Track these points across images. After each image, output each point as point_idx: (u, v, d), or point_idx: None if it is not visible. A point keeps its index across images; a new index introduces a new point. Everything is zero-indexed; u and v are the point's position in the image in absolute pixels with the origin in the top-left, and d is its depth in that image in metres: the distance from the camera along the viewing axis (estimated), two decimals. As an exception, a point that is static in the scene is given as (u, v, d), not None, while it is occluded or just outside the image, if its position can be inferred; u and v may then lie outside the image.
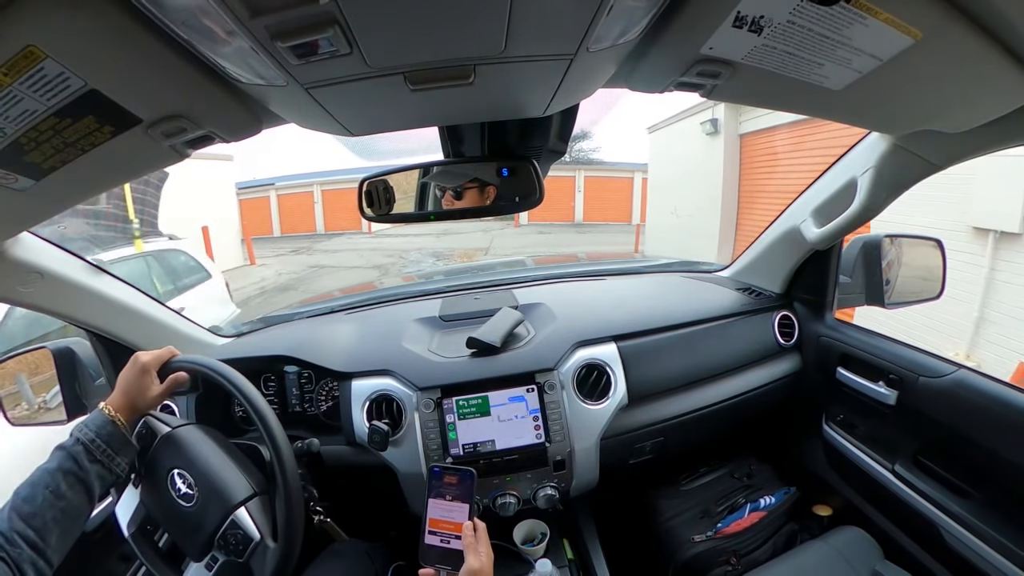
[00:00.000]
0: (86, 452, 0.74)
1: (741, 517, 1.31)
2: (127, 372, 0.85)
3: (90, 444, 0.75)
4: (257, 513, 0.84)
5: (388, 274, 10.40)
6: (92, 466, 0.74)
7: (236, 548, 0.81)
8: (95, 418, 0.79)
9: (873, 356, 1.16)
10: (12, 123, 0.50)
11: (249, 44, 0.44)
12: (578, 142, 20.52)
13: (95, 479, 0.74)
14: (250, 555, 0.81)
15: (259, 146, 19.91)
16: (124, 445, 0.79)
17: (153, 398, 0.85)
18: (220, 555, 0.82)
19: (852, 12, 0.48)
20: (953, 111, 0.70)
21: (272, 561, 0.82)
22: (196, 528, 0.82)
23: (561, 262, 3.01)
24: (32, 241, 0.92)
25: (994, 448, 0.93)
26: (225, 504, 0.82)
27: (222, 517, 0.81)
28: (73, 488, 0.71)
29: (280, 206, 18.64)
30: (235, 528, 0.81)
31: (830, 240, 1.16)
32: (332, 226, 18.38)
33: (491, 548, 0.80)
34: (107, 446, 0.76)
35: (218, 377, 0.89)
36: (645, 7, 0.49)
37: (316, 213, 18.84)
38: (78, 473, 0.72)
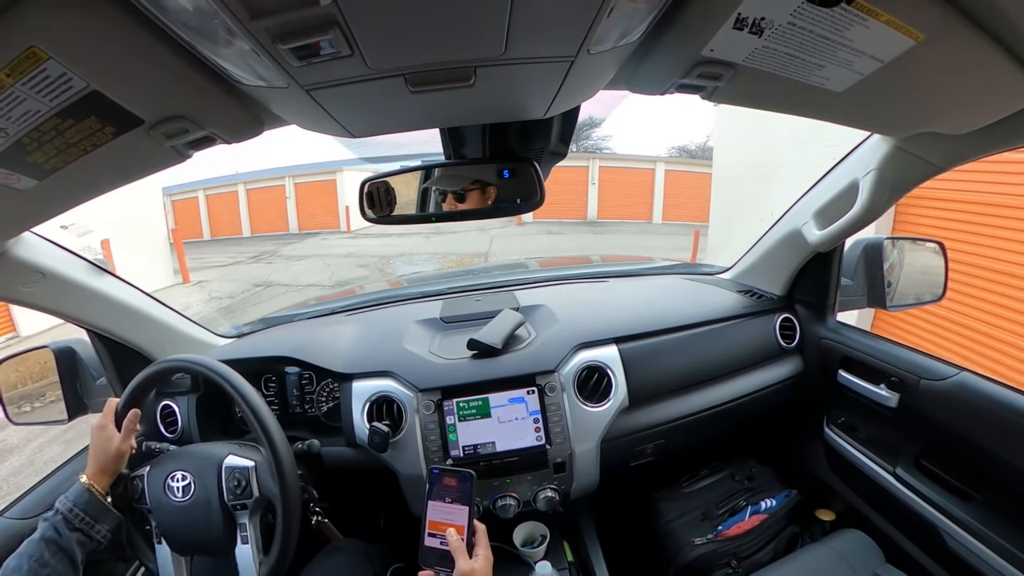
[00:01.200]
0: (65, 522, 0.79)
1: (742, 520, 1.31)
2: (92, 440, 0.88)
3: (68, 514, 0.80)
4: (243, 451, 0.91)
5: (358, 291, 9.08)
6: (72, 534, 0.78)
7: (243, 488, 0.87)
8: (75, 489, 0.83)
9: (874, 359, 1.16)
10: (15, 123, 0.51)
11: (250, 46, 0.45)
12: (590, 130, 19.51)
13: (76, 546, 0.78)
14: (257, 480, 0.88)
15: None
16: (102, 512, 0.83)
17: (117, 449, 0.87)
18: (243, 514, 0.87)
19: (853, 14, 0.48)
20: (955, 113, 0.70)
21: (262, 572, 0.83)
22: (205, 508, 0.86)
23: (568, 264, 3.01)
24: (34, 241, 0.92)
25: (996, 451, 0.92)
26: (213, 461, 0.88)
27: (216, 473, 0.87)
28: (56, 556, 0.76)
29: (249, 203, 17.31)
30: (232, 473, 0.87)
31: (832, 242, 1.16)
32: (307, 224, 16.97)
33: (490, 551, 0.80)
34: (85, 514, 0.80)
35: (217, 378, 0.89)
36: (646, 9, 0.49)
37: (288, 208, 17.24)
38: (59, 542, 0.77)
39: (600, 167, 16.30)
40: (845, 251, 1.26)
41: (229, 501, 0.87)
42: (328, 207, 16.67)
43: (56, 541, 0.77)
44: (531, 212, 8.17)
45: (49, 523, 0.79)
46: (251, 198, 17.39)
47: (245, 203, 17.43)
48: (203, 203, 17.47)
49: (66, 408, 1.16)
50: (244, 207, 17.43)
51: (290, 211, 17.38)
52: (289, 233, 16.77)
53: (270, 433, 0.87)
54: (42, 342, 1.17)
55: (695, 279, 1.59)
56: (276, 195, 17.20)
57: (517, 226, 15.27)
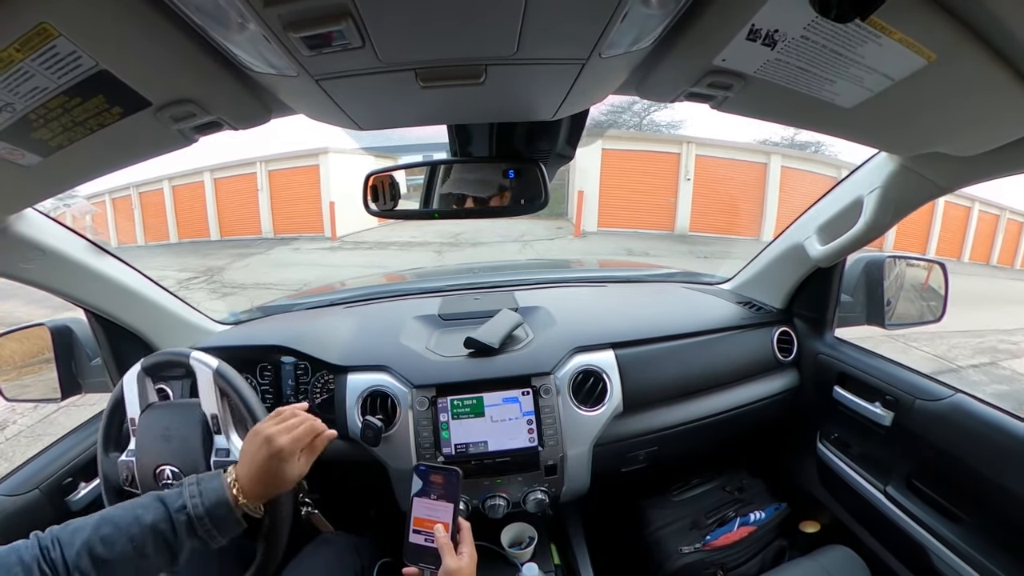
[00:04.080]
0: (188, 525, 0.66)
1: (730, 531, 1.31)
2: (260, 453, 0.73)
3: (197, 520, 0.66)
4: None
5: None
6: (190, 541, 0.66)
7: None
8: (214, 490, 0.69)
9: (870, 376, 1.16)
10: (22, 99, 0.51)
11: (262, 33, 0.44)
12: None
13: (186, 552, 0.67)
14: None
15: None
16: (233, 526, 0.69)
17: (295, 477, 0.74)
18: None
19: (867, 31, 0.48)
20: (963, 134, 0.70)
21: (256, 562, 0.82)
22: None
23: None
24: (36, 218, 0.92)
25: (988, 474, 0.92)
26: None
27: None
28: (159, 552, 0.64)
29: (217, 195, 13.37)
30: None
31: (833, 258, 1.16)
32: (283, 226, 12.73)
33: (474, 549, 0.80)
34: (214, 527, 0.67)
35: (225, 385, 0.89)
36: (659, 15, 0.49)
37: (261, 203, 12.89)
38: (171, 542, 0.65)
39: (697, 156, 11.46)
40: (846, 267, 1.26)
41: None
42: (308, 202, 12.57)
43: (167, 539, 0.65)
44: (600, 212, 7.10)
45: (166, 513, 0.65)
46: (219, 190, 13.53)
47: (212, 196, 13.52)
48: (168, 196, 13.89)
49: (60, 387, 1.16)
50: (212, 202, 13.54)
51: (263, 207, 13.11)
52: (264, 237, 12.86)
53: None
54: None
55: (695, 288, 1.59)
56: (247, 187, 13.21)
57: (575, 237, 11.43)
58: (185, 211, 13.83)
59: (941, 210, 11.43)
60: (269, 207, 13.04)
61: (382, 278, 2.66)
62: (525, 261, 8.36)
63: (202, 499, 0.67)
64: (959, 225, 12.26)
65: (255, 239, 12.60)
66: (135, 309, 1.18)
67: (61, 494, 1.02)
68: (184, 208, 13.84)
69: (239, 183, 13.18)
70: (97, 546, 0.61)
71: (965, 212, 12.29)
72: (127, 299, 1.15)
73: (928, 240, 11.51)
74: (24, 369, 1.22)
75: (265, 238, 12.77)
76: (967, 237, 12.47)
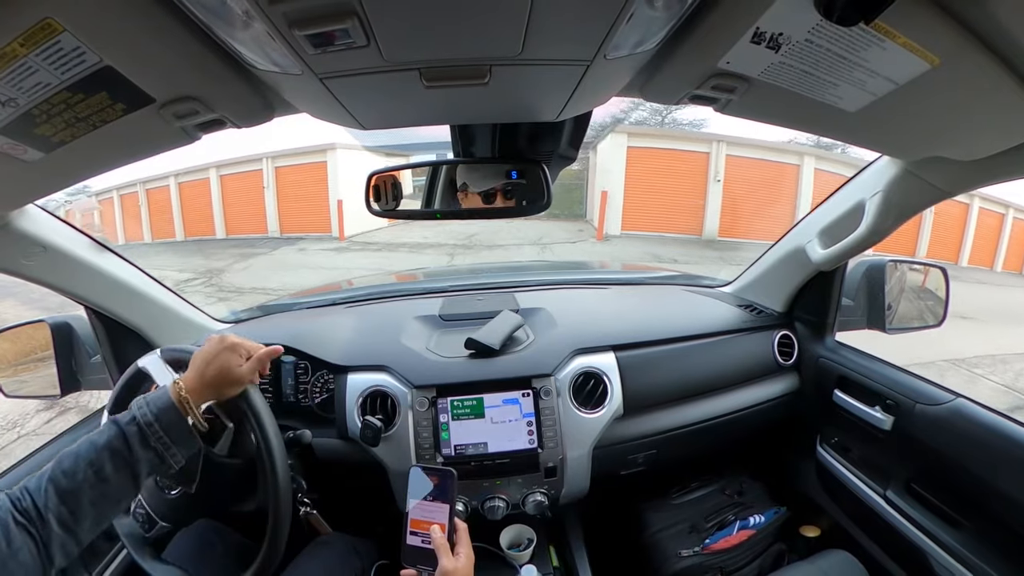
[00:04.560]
0: (140, 436, 0.65)
1: (730, 534, 1.30)
2: (206, 348, 0.75)
3: (147, 428, 0.66)
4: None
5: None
6: (144, 452, 0.65)
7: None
8: (160, 396, 0.69)
9: (871, 380, 1.16)
10: (25, 94, 0.51)
11: (266, 30, 0.44)
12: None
13: (144, 466, 0.66)
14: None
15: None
16: (186, 436, 0.69)
17: (238, 373, 0.75)
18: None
19: (871, 34, 0.48)
20: (966, 139, 0.70)
21: (253, 567, 0.82)
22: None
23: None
24: (38, 214, 0.92)
25: (988, 479, 0.92)
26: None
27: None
28: (119, 471, 0.64)
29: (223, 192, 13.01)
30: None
31: (835, 262, 1.16)
32: (290, 225, 12.30)
33: (472, 550, 0.79)
34: (165, 434, 0.67)
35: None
36: (664, 18, 0.49)
37: (268, 201, 12.46)
38: (127, 457, 0.64)
39: (727, 155, 10.69)
40: (848, 271, 1.26)
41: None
42: (315, 200, 12.19)
43: (123, 455, 0.64)
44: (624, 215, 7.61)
45: (119, 429, 0.65)
46: (225, 187, 13.19)
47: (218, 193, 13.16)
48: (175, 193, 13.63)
49: (59, 383, 1.16)
50: (217, 200, 13.17)
51: (269, 205, 12.68)
52: (270, 236, 12.45)
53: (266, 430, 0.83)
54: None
55: (696, 291, 1.59)
56: (253, 184, 12.76)
57: (597, 240, 10.88)
58: (191, 209, 13.53)
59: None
60: (275, 205, 12.63)
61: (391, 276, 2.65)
62: (527, 262, 8.19)
63: (149, 408, 0.68)
64: (957, 224, 11.41)
65: (261, 238, 12.26)
66: (135, 306, 1.18)
67: None
68: (190, 206, 13.54)
69: (245, 180, 12.79)
70: (60, 479, 0.61)
71: (963, 209, 11.33)
72: (127, 296, 1.15)
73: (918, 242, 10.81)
74: (23, 365, 1.22)
75: (271, 237, 12.35)
76: (966, 238, 11.48)
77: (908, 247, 10.17)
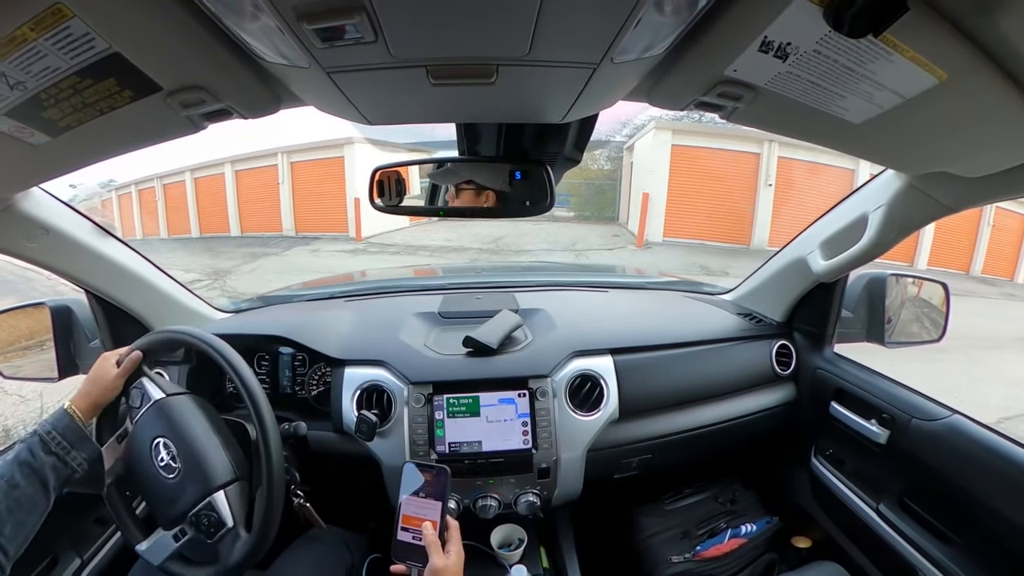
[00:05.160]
0: (41, 444, 0.76)
1: (721, 542, 1.30)
2: (91, 369, 0.87)
3: (46, 436, 0.77)
4: (235, 499, 0.84)
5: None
6: (47, 457, 0.75)
7: (207, 529, 0.81)
8: (55, 412, 0.80)
9: (867, 393, 1.16)
10: (34, 78, 0.51)
11: (275, 23, 0.45)
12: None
13: (49, 471, 0.75)
14: (219, 539, 0.82)
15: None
16: (81, 439, 0.80)
17: (110, 381, 0.86)
18: (190, 530, 0.82)
19: (879, 47, 0.48)
20: (971, 155, 0.70)
21: (243, 548, 0.82)
22: (171, 501, 0.82)
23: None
24: (42, 197, 0.92)
25: (981, 496, 0.92)
26: (205, 484, 0.82)
27: (199, 497, 0.81)
28: (28, 479, 0.73)
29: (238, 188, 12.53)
30: (210, 510, 0.81)
31: (836, 273, 1.16)
32: (305, 224, 11.76)
33: (462, 548, 0.79)
34: (63, 438, 0.77)
35: (214, 353, 0.89)
36: (673, 23, 0.49)
37: (283, 197, 11.93)
38: (32, 463, 0.74)
39: (779, 158, 9.70)
40: (848, 283, 1.26)
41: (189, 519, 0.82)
42: (332, 197, 11.60)
43: (30, 463, 0.74)
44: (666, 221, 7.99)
45: (25, 445, 0.76)
46: (240, 183, 12.74)
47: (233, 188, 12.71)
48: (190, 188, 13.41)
49: (57, 366, 1.16)
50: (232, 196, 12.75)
51: (284, 202, 12.14)
52: (278, 235, 11.89)
53: (262, 415, 0.85)
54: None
55: (696, 297, 1.59)
56: (268, 180, 12.20)
57: (637, 248, 9.89)
58: (207, 204, 13.23)
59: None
60: (291, 202, 12.14)
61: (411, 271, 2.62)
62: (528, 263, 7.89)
63: (48, 421, 0.79)
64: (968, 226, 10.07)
65: (275, 236, 11.81)
66: (136, 292, 1.18)
67: None
68: (206, 201, 13.26)
69: (260, 175, 12.34)
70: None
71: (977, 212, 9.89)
72: (129, 282, 1.16)
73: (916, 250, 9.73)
74: (21, 348, 1.22)
75: (286, 236, 11.87)
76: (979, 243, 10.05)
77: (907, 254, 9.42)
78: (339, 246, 10.52)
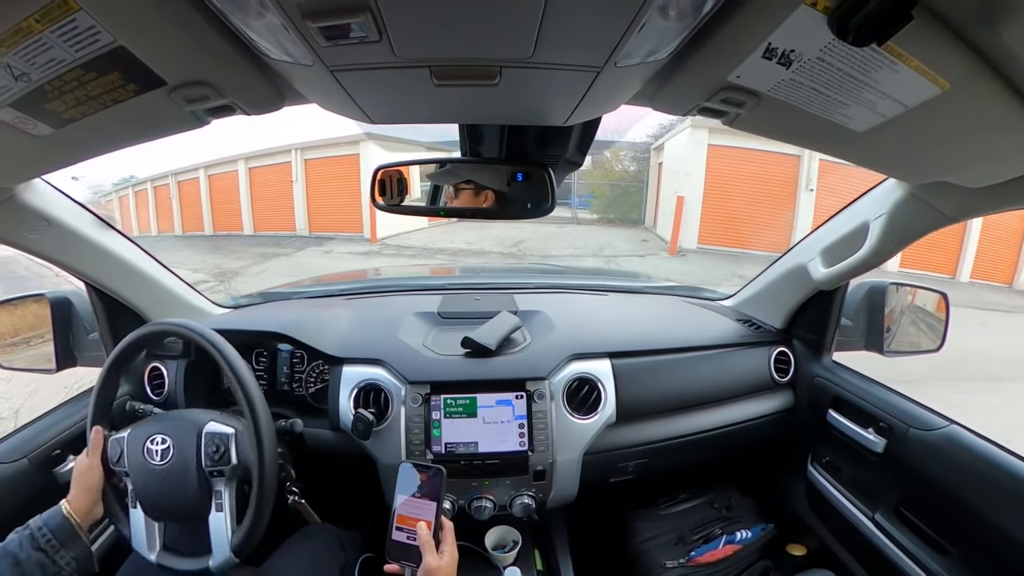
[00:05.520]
0: (31, 539, 0.76)
1: (715, 548, 1.30)
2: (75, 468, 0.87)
3: (36, 532, 0.77)
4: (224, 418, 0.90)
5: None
6: (35, 553, 0.75)
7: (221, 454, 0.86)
8: (51, 510, 0.81)
9: (865, 402, 1.16)
10: (38, 70, 0.51)
11: (280, 20, 0.45)
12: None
13: (35, 566, 0.75)
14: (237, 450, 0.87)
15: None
16: (71, 538, 0.79)
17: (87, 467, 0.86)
18: (219, 481, 0.87)
19: (883, 56, 0.48)
20: (973, 166, 0.70)
21: (234, 540, 0.82)
22: (183, 473, 0.85)
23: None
24: (44, 188, 0.93)
25: (977, 507, 0.92)
26: (193, 427, 0.87)
27: (196, 438, 0.86)
28: (11, 571, 0.73)
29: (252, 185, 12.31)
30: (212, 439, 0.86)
31: (836, 281, 1.16)
32: (319, 223, 11.42)
33: (456, 549, 0.79)
34: (52, 536, 0.78)
35: (208, 345, 0.89)
36: (677, 28, 0.49)
37: (296, 196, 11.66)
38: (19, 556, 0.74)
39: (820, 161, 8.99)
40: (848, 291, 1.26)
41: (206, 467, 0.86)
42: (346, 195, 11.17)
43: (16, 555, 0.74)
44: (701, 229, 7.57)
45: (18, 536, 0.77)
46: (253, 180, 12.47)
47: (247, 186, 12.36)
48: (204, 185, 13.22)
49: (55, 358, 1.16)
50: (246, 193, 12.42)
51: (297, 200, 11.78)
52: (291, 235, 11.53)
53: (254, 403, 0.86)
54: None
55: (695, 303, 1.59)
56: (282, 177, 11.90)
57: (670, 255, 9.32)
58: (220, 202, 12.92)
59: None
60: (304, 200, 11.76)
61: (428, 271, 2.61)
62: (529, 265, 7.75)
63: (41, 517, 0.80)
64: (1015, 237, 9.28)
65: (288, 236, 11.38)
66: (136, 286, 1.18)
67: (49, 465, 1.02)
68: (219, 199, 12.97)
69: (274, 173, 11.98)
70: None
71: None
72: (129, 275, 1.16)
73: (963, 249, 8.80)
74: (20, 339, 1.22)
75: (299, 235, 11.41)
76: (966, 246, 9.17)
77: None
78: (353, 247, 10.16)
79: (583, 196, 14.43)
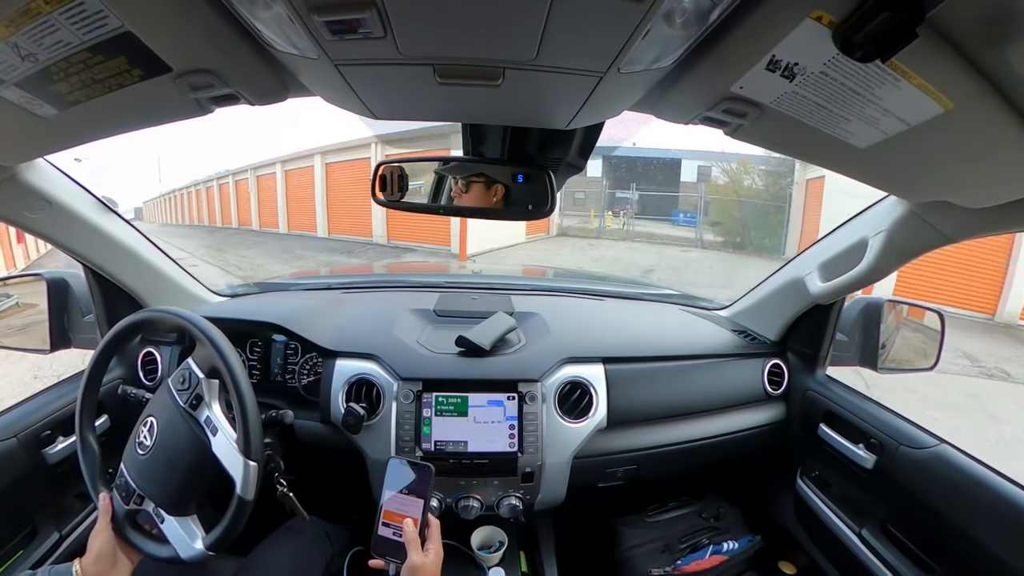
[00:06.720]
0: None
1: (702, 558, 1.30)
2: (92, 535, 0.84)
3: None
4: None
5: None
6: None
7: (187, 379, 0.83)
8: (63, 566, 0.78)
9: (857, 418, 1.16)
10: (45, 51, 0.51)
11: (286, 12, 0.45)
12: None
13: None
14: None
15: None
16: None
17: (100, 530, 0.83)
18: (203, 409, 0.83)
19: (887, 73, 0.48)
20: (974, 187, 0.70)
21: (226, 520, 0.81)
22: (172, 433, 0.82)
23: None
24: (46, 169, 0.93)
25: (964, 527, 0.92)
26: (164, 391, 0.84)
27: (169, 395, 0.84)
28: None
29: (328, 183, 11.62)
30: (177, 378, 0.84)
31: (832, 296, 1.16)
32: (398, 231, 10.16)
33: (441, 547, 0.79)
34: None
35: (194, 329, 0.87)
36: (682, 37, 0.49)
37: (317, 198, 11.43)
38: None
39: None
40: (844, 306, 1.26)
41: (184, 404, 0.83)
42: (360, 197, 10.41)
43: None
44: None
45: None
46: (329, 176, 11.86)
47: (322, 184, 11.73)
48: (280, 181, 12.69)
49: (49, 339, 1.16)
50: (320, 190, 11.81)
51: (318, 203, 11.51)
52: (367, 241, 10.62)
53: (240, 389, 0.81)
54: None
55: (691, 312, 1.59)
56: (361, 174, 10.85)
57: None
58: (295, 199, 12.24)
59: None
60: (325, 200, 10.92)
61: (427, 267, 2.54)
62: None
63: (50, 570, 0.75)
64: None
65: (363, 242, 10.16)
66: (134, 270, 1.18)
67: (38, 446, 1.02)
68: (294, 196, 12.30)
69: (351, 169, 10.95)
70: None
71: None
72: (128, 259, 1.16)
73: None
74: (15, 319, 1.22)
75: (375, 243, 10.19)
76: None
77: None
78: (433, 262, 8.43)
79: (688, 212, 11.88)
